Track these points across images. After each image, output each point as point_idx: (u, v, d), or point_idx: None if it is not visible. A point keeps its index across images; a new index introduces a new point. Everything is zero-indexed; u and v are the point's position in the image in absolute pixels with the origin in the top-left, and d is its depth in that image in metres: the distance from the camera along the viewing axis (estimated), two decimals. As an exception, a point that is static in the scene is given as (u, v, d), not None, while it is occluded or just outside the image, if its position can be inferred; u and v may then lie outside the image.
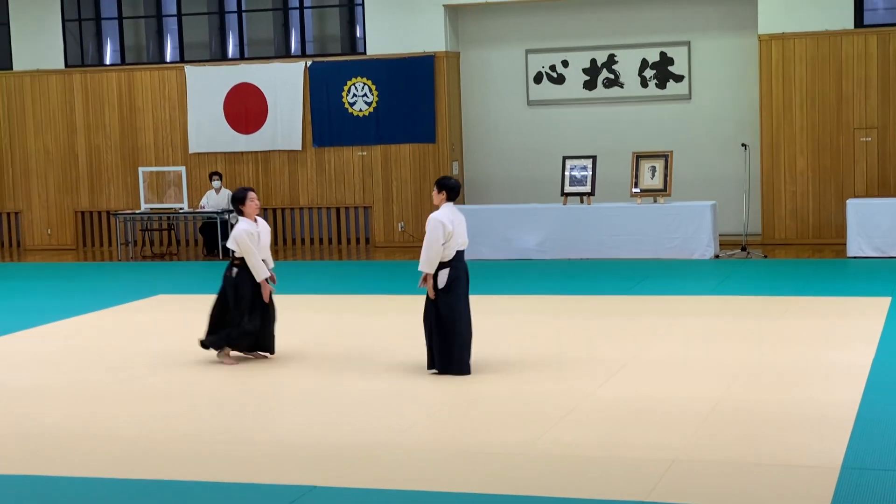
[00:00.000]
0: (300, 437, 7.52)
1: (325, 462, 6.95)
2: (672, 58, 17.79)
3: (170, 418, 8.19)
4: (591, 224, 16.15)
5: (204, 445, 7.43)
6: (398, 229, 18.51)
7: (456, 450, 7.13)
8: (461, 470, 6.75)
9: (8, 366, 10.12)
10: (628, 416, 7.74)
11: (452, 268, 9.13)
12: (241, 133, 18.92)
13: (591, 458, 6.87)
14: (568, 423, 7.61)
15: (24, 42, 19.63)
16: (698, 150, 17.72)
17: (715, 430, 7.33)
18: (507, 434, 7.40)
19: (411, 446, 7.23)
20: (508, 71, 18.48)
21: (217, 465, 6.98)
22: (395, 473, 6.75)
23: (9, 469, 7.04)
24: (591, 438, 7.27)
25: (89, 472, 6.94)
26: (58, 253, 19.44)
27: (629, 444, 7.10)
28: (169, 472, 6.89)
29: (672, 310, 11.87)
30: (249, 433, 7.67)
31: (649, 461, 6.71)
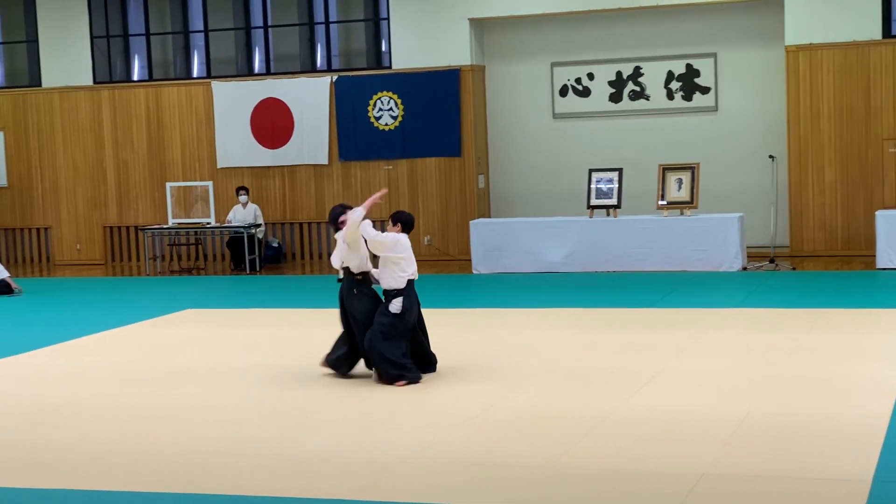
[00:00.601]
0: (328, 452, 7.52)
1: (351, 476, 6.95)
2: (698, 69, 17.75)
3: (199, 432, 8.21)
4: (617, 237, 16.12)
5: (233, 459, 7.44)
6: (424, 243, 18.52)
7: (483, 463, 7.11)
8: (489, 483, 6.73)
9: (37, 380, 10.17)
10: (656, 429, 7.71)
11: (406, 297, 9.44)
12: (268, 148, 18.99)
13: (618, 471, 6.84)
14: (595, 436, 7.58)
15: (52, 59, 19.79)
16: (725, 161, 17.65)
17: (744, 444, 7.28)
18: (535, 447, 7.38)
19: (439, 460, 7.22)
20: (534, 84, 18.49)
21: (245, 479, 6.99)
22: (423, 487, 6.74)
23: (36, 483, 7.07)
24: (619, 452, 7.24)
25: (119, 486, 6.96)
26: (87, 268, 19.55)
27: (657, 457, 7.07)
28: (199, 485, 6.90)
29: (699, 322, 11.82)
30: (278, 447, 7.68)
31: (677, 475, 6.67)
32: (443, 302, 14.32)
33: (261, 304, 14.66)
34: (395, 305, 9.40)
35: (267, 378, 9.75)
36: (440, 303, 14.22)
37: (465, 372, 9.77)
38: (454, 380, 9.45)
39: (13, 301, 15.63)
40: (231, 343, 11.68)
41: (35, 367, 10.77)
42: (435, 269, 17.44)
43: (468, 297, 14.96)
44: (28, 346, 11.72)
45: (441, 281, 16.43)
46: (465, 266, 17.29)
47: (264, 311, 13.93)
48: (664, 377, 9.25)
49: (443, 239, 18.44)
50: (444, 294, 15.19)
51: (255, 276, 17.69)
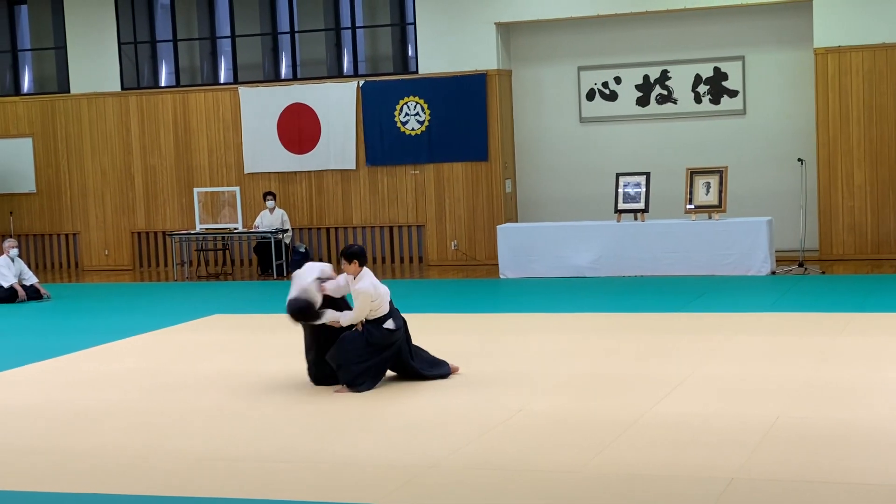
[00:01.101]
0: (357, 457, 7.51)
1: (379, 480, 6.93)
2: (726, 73, 17.67)
3: (228, 438, 8.21)
4: (645, 241, 16.05)
5: (264, 465, 7.44)
6: (451, 248, 18.51)
7: (510, 468, 7.08)
8: (514, 489, 6.70)
9: (66, 385, 10.21)
10: (685, 434, 7.66)
11: (394, 318, 9.54)
12: (295, 153, 19.02)
13: (647, 476, 6.79)
14: (624, 441, 7.54)
15: (81, 65, 19.90)
16: (754, 165, 17.56)
17: (774, 449, 7.22)
18: (562, 452, 7.35)
19: (467, 464, 7.20)
20: (561, 88, 18.45)
21: (272, 484, 6.99)
22: (449, 492, 6.71)
23: (66, 488, 7.09)
24: (648, 457, 7.19)
25: (149, 490, 6.97)
26: (115, 273, 19.64)
27: (686, 462, 7.02)
28: (226, 491, 6.90)
29: (728, 327, 11.75)
30: (306, 452, 7.68)
31: (707, 480, 6.62)
32: (470, 307, 14.29)
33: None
34: (389, 324, 9.47)
35: (294, 383, 9.75)
36: (467, 307, 14.20)
37: (493, 376, 9.74)
38: (482, 384, 9.43)
39: (42, 306, 15.71)
40: (258, 348, 11.69)
41: (63, 373, 10.81)
42: (462, 274, 17.42)
43: (495, 302, 14.93)
44: (56, 352, 11.77)
45: (468, 285, 16.41)
46: (493, 271, 17.26)
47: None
48: (693, 382, 9.19)
49: (470, 244, 18.42)
50: (472, 298, 15.17)
51: (283, 281, 17.71)
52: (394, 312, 9.59)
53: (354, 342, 9.39)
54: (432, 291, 16.05)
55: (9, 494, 7.03)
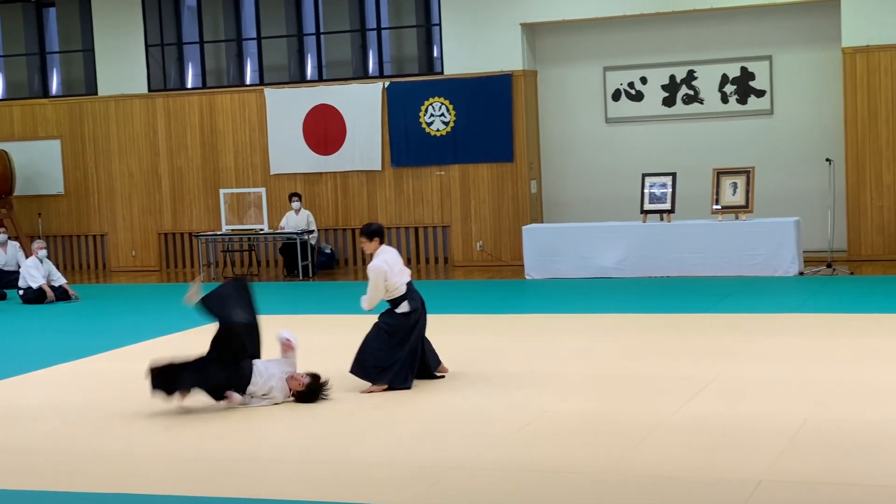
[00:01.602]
0: (380, 457, 7.51)
1: (406, 482, 6.93)
2: (753, 72, 17.58)
3: (254, 439, 8.23)
4: (671, 242, 15.99)
5: (292, 466, 7.45)
6: (477, 249, 18.50)
7: (536, 470, 7.07)
8: (541, 490, 6.69)
9: (93, 386, 10.25)
10: (712, 435, 7.62)
11: (410, 299, 9.50)
12: (320, 154, 19.06)
13: (674, 478, 6.76)
14: (650, 443, 7.51)
15: (108, 67, 20.00)
16: (781, 165, 17.47)
17: (802, 451, 7.18)
18: (588, 454, 7.33)
19: (492, 466, 7.18)
20: (586, 88, 18.41)
21: (299, 485, 7.00)
22: (475, 493, 6.71)
23: (93, 488, 7.12)
24: (674, 459, 7.16)
25: (175, 491, 6.99)
26: (142, 274, 19.72)
27: (713, 464, 6.99)
28: (253, 492, 6.91)
29: (756, 328, 11.69)
30: (331, 454, 7.68)
31: (734, 482, 6.59)
32: (495, 307, 14.28)
33: (314, 310, 14.69)
34: (402, 308, 9.48)
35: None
36: (493, 308, 14.18)
37: (519, 378, 9.72)
38: (508, 385, 9.41)
39: (70, 307, 15.80)
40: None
41: (91, 373, 10.86)
42: (487, 275, 17.41)
43: (521, 303, 14.91)
44: (85, 352, 11.82)
45: (493, 286, 16.40)
46: (518, 271, 17.24)
47: (317, 317, 13.96)
48: (720, 383, 9.15)
49: (495, 244, 18.40)
50: (497, 299, 15.16)
51: (308, 282, 17.75)
52: (411, 294, 9.53)
53: (379, 340, 9.37)
54: (458, 292, 16.04)
55: (36, 494, 7.06)
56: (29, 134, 20.46)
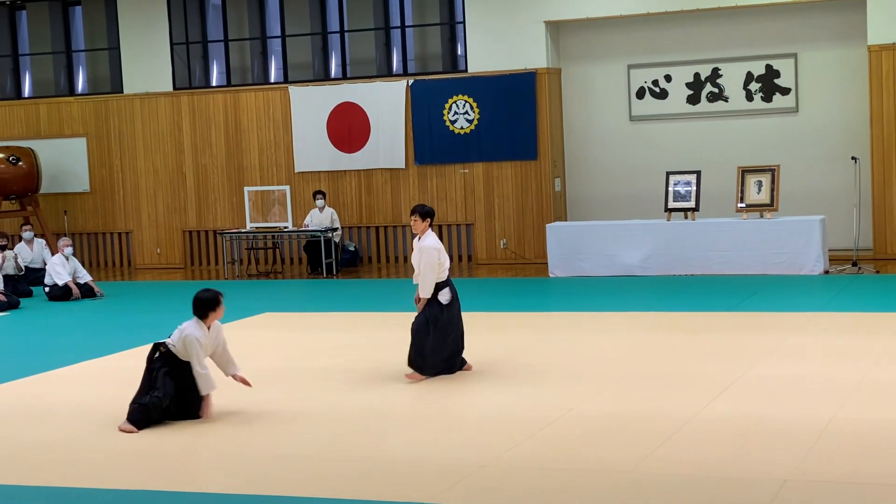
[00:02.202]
0: (405, 455, 7.53)
1: (431, 479, 6.94)
2: (778, 70, 17.51)
3: (279, 436, 8.26)
4: (695, 240, 15.95)
5: (314, 463, 7.48)
6: (500, 246, 18.49)
7: (561, 468, 7.07)
8: (566, 488, 6.69)
9: (119, 383, 10.30)
10: (737, 434, 7.60)
11: (450, 287, 9.65)
12: (345, 152, 19.09)
13: (699, 477, 6.75)
14: (675, 442, 7.50)
15: (133, 66, 20.09)
16: (806, 163, 17.39)
17: (828, 450, 7.15)
18: (613, 452, 7.32)
19: (516, 464, 7.19)
20: (610, 86, 18.37)
21: (324, 483, 7.02)
22: (500, 491, 6.71)
23: (117, 484, 7.16)
24: (700, 457, 7.15)
25: (202, 488, 7.02)
26: (167, 271, 19.80)
27: (739, 463, 6.97)
28: (277, 489, 6.94)
29: (781, 326, 11.65)
30: (356, 450, 7.70)
31: (760, 481, 6.57)
32: (519, 305, 14.28)
33: (338, 307, 14.73)
34: (444, 296, 9.58)
35: (345, 381, 9.79)
36: (516, 306, 14.18)
37: (543, 376, 9.72)
38: (533, 384, 9.42)
39: (96, 304, 15.88)
40: (309, 346, 11.74)
41: (116, 371, 10.92)
42: (511, 273, 17.41)
43: (545, 301, 14.90)
44: (110, 349, 11.89)
45: (517, 284, 16.39)
46: (542, 269, 17.23)
47: (342, 315, 13.99)
48: (745, 382, 9.12)
49: (519, 242, 18.39)
50: (521, 297, 15.15)
51: (332, 279, 17.79)
52: (450, 283, 9.69)
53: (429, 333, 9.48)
54: (481, 290, 16.04)
55: (61, 491, 7.11)
56: (55, 132, 20.58)
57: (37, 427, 8.77)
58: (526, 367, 10.08)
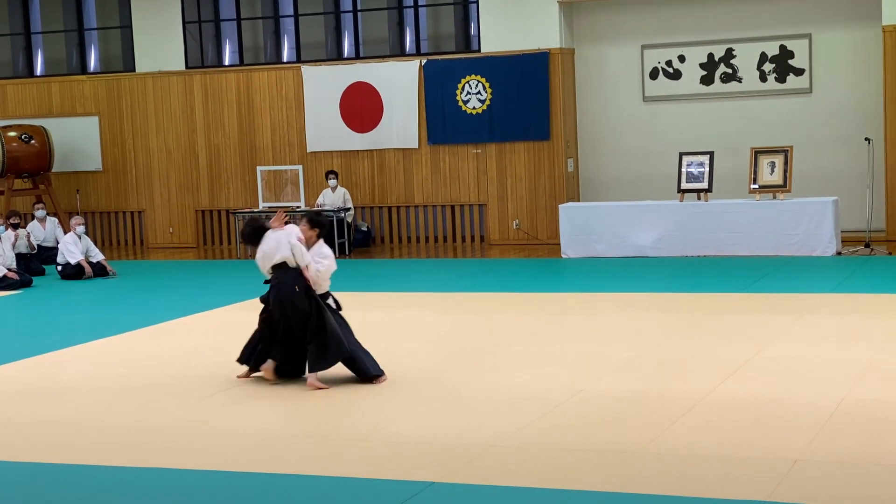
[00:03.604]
0: (417, 435, 7.55)
1: (442, 459, 6.96)
2: (792, 51, 17.43)
3: (290, 416, 8.29)
4: (708, 221, 15.92)
5: (323, 442, 7.50)
6: (513, 227, 18.49)
7: (572, 448, 7.08)
8: (577, 468, 6.70)
9: (130, 362, 10.34)
10: (748, 415, 7.60)
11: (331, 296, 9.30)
12: (357, 132, 19.08)
13: (710, 457, 6.76)
14: (686, 422, 7.50)
15: (146, 44, 20.09)
16: (819, 144, 17.33)
17: (839, 431, 7.15)
18: (624, 433, 7.33)
19: (528, 444, 7.20)
20: (624, 67, 18.31)
21: (335, 461, 7.04)
22: (511, 471, 6.73)
23: (127, 461, 7.19)
24: (710, 438, 7.15)
25: (209, 465, 7.05)
26: (179, 251, 19.84)
27: (749, 443, 6.97)
28: (289, 467, 6.97)
29: (793, 308, 11.63)
30: (369, 430, 7.72)
31: (770, 461, 6.57)
32: (532, 286, 14.28)
33: (350, 287, 14.70)
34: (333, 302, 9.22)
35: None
36: (529, 287, 14.19)
37: (554, 356, 9.73)
38: (544, 364, 9.43)
39: (108, 283, 15.93)
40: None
41: (128, 349, 10.96)
42: (524, 253, 17.40)
43: (557, 282, 14.90)
44: (122, 328, 11.93)
45: (529, 265, 16.39)
46: (554, 250, 17.22)
47: (354, 295, 13.97)
48: (756, 363, 9.12)
49: (531, 223, 18.38)
50: (533, 278, 15.15)
51: (345, 259, 17.80)
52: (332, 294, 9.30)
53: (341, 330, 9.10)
54: (494, 271, 16.05)
55: (73, 468, 7.14)
56: (67, 110, 20.60)
57: (49, 405, 8.82)
58: (537, 348, 10.09)
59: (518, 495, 6.29)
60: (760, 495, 6.03)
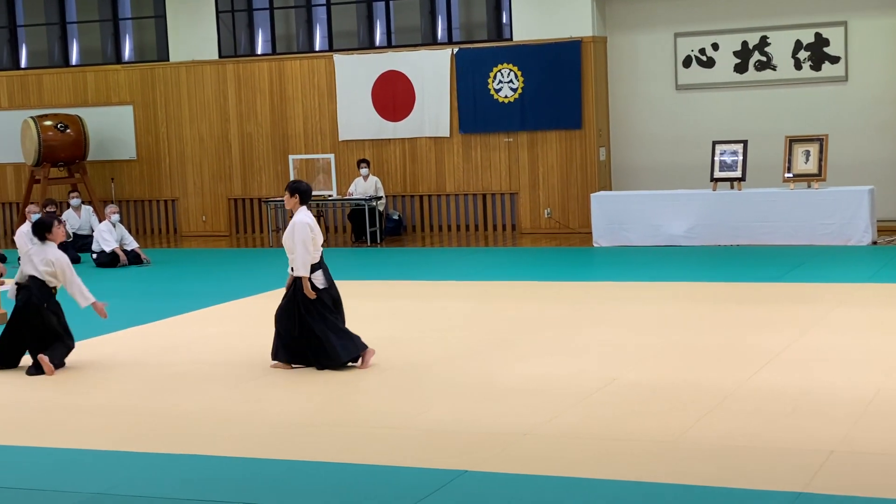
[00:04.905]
0: (449, 424, 7.55)
1: (474, 447, 6.96)
2: (827, 38, 17.29)
3: (322, 403, 8.32)
4: (741, 210, 15.83)
5: (355, 430, 7.52)
6: (545, 216, 18.45)
7: (604, 437, 7.06)
8: (609, 457, 6.68)
9: (164, 349, 10.40)
10: (783, 405, 7.56)
11: (323, 270, 9.28)
12: (389, 120, 19.08)
13: (744, 447, 6.72)
14: (720, 411, 7.47)
15: (179, 34, 20.16)
16: (855, 133, 17.19)
17: (875, 421, 7.10)
18: (656, 422, 7.30)
19: (561, 433, 7.19)
20: (657, 55, 18.22)
21: (368, 449, 7.06)
22: (542, 459, 6.72)
23: (162, 448, 7.24)
24: (745, 428, 7.11)
25: (243, 453, 7.08)
26: (212, 239, 19.92)
27: (784, 434, 6.93)
28: (322, 454, 6.99)
29: (828, 297, 11.55)
30: (402, 418, 7.73)
31: (806, 452, 6.54)
32: (563, 275, 14.25)
33: (382, 276, 14.76)
34: (318, 279, 9.21)
35: (390, 350, 9.81)
36: (560, 276, 14.16)
37: (587, 345, 9.71)
38: (576, 353, 9.41)
39: (142, 271, 16.01)
40: (352, 315, 11.75)
41: (162, 336, 11.02)
42: (555, 242, 17.37)
43: (589, 271, 14.86)
44: (156, 316, 11.99)
45: (561, 254, 16.36)
46: (586, 239, 17.17)
47: (385, 283, 14.03)
48: (791, 353, 9.06)
49: (563, 212, 18.34)
50: (565, 267, 15.12)
51: (376, 248, 17.83)
52: (323, 266, 9.31)
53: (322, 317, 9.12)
54: (525, 260, 16.03)
55: (106, 454, 7.19)
56: (102, 100, 20.71)
57: (84, 392, 8.88)
58: (569, 337, 10.07)
59: (550, 484, 6.28)
60: (796, 486, 6.00)
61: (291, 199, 9.34)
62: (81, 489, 6.52)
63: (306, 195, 9.37)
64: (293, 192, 9.33)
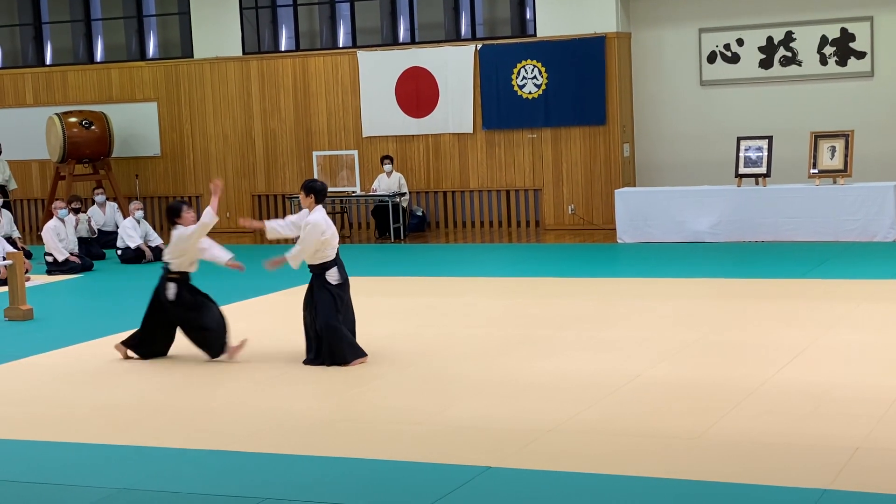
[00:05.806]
0: (472, 419, 7.55)
1: (498, 443, 6.96)
2: (853, 34, 17.18)
3: (344, 399, 8.33)
4: (766, 206, 15.76)
5: (379, 426, 7.53)
6: (568, 212, 18.42)
7: (628, 434, 7.05)
8: (634, 454, 6.67)
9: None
10: (807, 402, 7.53)
11: (338, 267, 9.35)
12: (413, 117, 19.08)
13: (769, 444, 6.70)
14: (745, 408, 7.44)
15: (203, 31, 20.22)
16: (881, 129, 17.08)
17: (901, 419, 7.07)
18: (682, 419, 7.29)
19: (585, 429, 7.19)
20: (681, 51, 18.15)
21: (391, 445, 7.07)
22: (566, 456, 6.72)
23: (190, 444, 7.27)
24: (769, 425, 7.09)
25: (266, 448, 7.10)
26: (236, 235, 19.98)
27: (809, 431, 6.91)
28: (345, 450, 7.00)
29: (853, 294, 11.49)
30: (427, 414, 7.74)
31: (831, 449, 6.51)
32: (587, 271, 14.23)
33: (406, 272, 14.78)
34: (332, 276, 9.28)
35: (414, 345, 9.83)
36: (585, 272, 14.14)
37: (611, 342, 9.70)
38: (600, 349, 9.40)
39: (166, 267, 16.04)
40: (374, 312, 11.78)
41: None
42: (579, 238, 17.34)
43: (613, 267, 14.83)
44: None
45: (585, 250, 16.33)
46: (610, 235, 17.14)
47: (409, 280, 14.04)
48: (816, 350, 9.02)
49: (587, 208, 18.30)
50: (589, 263, 15.10)
51: (400, 244, 17.84)
52: (339, 263, 9.38)
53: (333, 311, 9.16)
54: (549, 256, 16.01)
55: (125, 449, 7.23)
56: (126, 96, 20.80)
57: (108, 388, 8.92)
58: (593, 333, 10.05)
59: (574, 481, 6.28)
60: (821, 483, 5.97)
61: (307, 199, 9.50)
62: (106, 484, 6.56)
63: (322, 194, 9.50)
64: (308, 192, 9.50)
